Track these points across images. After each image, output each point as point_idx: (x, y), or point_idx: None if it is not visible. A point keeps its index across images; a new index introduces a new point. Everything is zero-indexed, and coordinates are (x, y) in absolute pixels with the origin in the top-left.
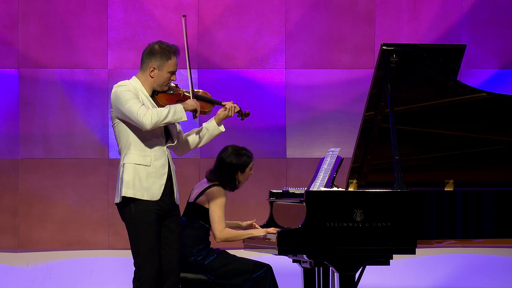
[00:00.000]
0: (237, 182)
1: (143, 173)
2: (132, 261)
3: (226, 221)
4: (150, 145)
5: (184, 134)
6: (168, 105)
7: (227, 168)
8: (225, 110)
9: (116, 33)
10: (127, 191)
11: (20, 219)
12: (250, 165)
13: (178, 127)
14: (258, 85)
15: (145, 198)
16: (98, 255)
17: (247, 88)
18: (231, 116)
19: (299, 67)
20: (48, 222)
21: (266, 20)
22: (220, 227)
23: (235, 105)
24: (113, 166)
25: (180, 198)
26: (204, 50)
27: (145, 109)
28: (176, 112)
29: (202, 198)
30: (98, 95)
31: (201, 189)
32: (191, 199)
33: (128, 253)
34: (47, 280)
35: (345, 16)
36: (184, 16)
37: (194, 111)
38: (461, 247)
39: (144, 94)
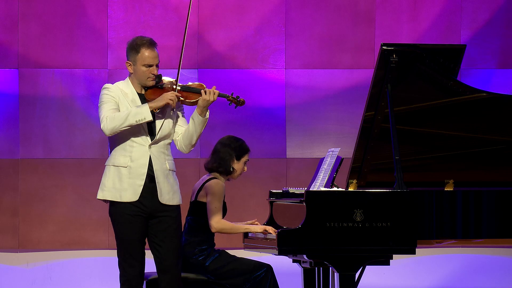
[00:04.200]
0: (231, 169)
1: (121, 174)
2: None
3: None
4: (130, 145)
5: (183, 130)
6: (130, 108)
7: (223, 151)
8: (203, 95)
9: (116, 33)
10: (99, 193)
11: (20, 219)
12: (246, 155)
13: (181, 122)
14: (258, 85)
15: (122, 200)
16: (98, 255)
17: (247, 88)
18: (213, 100)
19: (299, 67)
20: (48, 222)
21: (266, 20)
22: (216, 218)
23: (213, 88)
24: None
25: (182, 198)
26: (204, 50)
27: (110, 114)
28: (137, 114)
29: (201, 193)
30: (98, 95)
31: (200, 185)
32: (192, 198)
33: None
34: (47, 280)
35: (345, 16)
36: None
37: (167, 106)
38: (461, 247)
39: (130, 95)
